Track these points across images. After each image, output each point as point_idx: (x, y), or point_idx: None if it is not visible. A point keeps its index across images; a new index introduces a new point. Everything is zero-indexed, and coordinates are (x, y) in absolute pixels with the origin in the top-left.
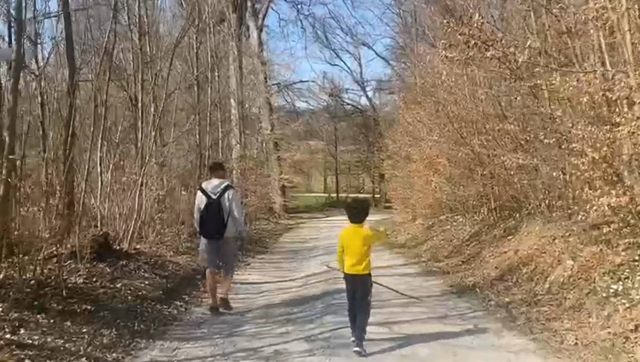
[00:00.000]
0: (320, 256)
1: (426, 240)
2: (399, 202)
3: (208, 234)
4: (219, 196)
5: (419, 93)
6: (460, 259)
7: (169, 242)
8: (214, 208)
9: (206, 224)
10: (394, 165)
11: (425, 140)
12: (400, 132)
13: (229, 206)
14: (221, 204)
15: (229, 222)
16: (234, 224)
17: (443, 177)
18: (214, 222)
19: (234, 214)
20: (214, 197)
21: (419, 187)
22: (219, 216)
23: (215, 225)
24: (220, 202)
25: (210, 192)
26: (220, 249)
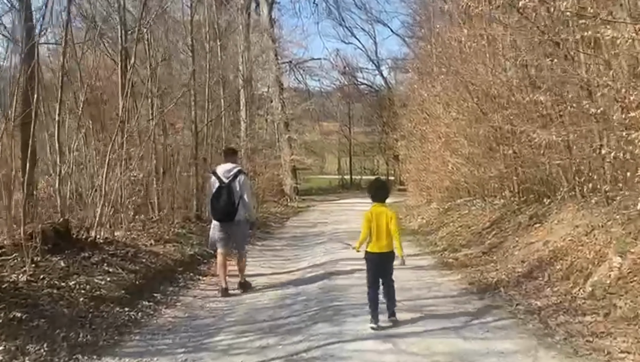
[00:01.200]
0: (326, 242)
1: (441, 226)
2: (413, 184)
3: (219, 217)
4: (231, 180)
5: (435, 64)
6: (480, 249)
7: (155, 229)
8: (225, 192)
9: (217, 207)
10: (408, 145)
11: (441, 117)
12: (415, 109)
13: (239, 190)
14: (232, 188)
15: (239, 206)
16: (244, 207)
17: (461, 158)
18: (225, 205)
19: (244, 199)
20: (225, 181)
21: (434, 168)
22: (229, 200)
23: (226, 208)
24: (231, 186)
25: (222, 176)
26: (231, 231)
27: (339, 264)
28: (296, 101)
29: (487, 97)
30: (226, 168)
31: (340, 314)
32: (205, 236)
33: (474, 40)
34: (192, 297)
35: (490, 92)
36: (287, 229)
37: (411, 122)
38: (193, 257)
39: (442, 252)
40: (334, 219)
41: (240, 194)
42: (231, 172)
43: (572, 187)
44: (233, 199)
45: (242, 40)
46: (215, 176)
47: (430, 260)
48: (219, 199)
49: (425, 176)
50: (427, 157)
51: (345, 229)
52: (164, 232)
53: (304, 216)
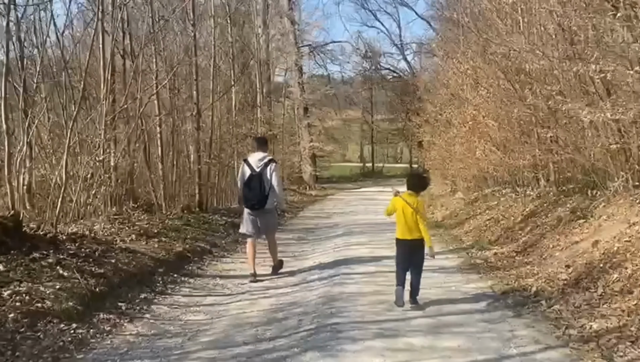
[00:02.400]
0: (339, 236)
1: (468, 218)
2: (437, 173)
3: (250, 205)
4: (262, 168)
5: (463, 41)
6: (513, 247)
7: (143, 222)
8: (256, 180)
9: (249, 195)
10: (432, 131)
11: (469, 98)
12: (440, 92)
13: (270, 179)
14: (263, 177)
15: (270, 194)
16: (274, 195)
17: (490, 143)
18: (256, 193)
19: (274, 187)
20: (257, 170)
21: (460, 155)
22: (260, 188)
23: (257, 196)
24: (262, 175)
25: (254, 165)
26: (262, 219)
27: (349, 264)
28: (316, 86)
29: (522, 72)
30: (258, 157)
31: (338, 338)
32: (203, 229)
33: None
34: (166, 306)
35: (525, 67)
36: (300, 220)
37: (435, 106)
38: (181, 254)
39: (468, 250)
40: (352, 209)
41: (271, 182)
42: (262, 161)
43: (625, 178)
44: (264, 187)
45: (259, 22)
46: (247, 165)
47: (455, 260)
48: (250, 187)
49: (450, 164)
50: (452, 143)
51: (362, 221)
52: (153, 225)
53: (320, 205)
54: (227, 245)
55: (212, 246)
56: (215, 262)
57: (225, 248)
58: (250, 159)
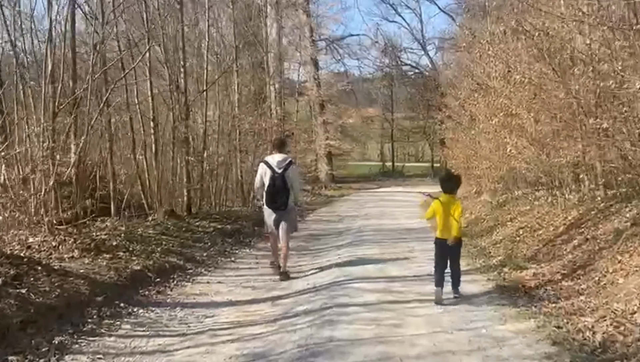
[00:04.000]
0: (345, 246)
1: (496, 226)
2: (461, 172)
3: (275, 205)
4: (284, 170)
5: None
6: (556, 267)
7: (102, 231)
8: (280, 181)
9: (274, 196)
10: (455, 128)
11: (498, 87)
12: (463, 82)
13: (290, 180)
14: (285, 178)
15: (290, 194)
16: (293, 194)
17: (523, 138)
18: (280, 194)
19: (295, 187)
20: (279, 171)
21: (486, 152)
22: (284, 189)
23: (281, 197)
24: (284, 176)
25: (275, 166)
26: (282, 217)
27: (350, 288)
28: (333, 82)
29: (565, 51)
30: (278, 159)
31: None
32: (182, 238)
33: None
34: (88, 356)
35: (570, 45)
36: (307, 225)
37: (459, 99)
38: (138, 275)
39: (499, 269)
40: (366, 212)
41: (291, 183)
42: (284, 162)
43: None
44: (287, 188)
45: (271, 13)
46: (268, 166)
47: (484, 283)
48: (274, 187)
49: (475, 162)
50: (476, 139)
51: (376, 227)
52: (114, 236)
53: (333, 206)
54: (207, 259)
55: (187, 260)
56: (184, 283)
57: (205, 263)
58: (269, 160)
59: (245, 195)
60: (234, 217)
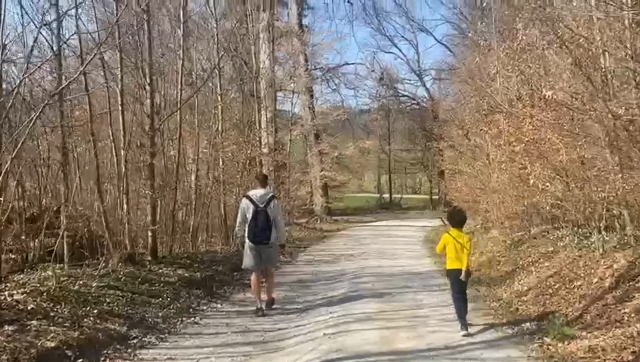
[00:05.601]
0: (339, 301)
1: (516, 270)
2: (465, 206)
3: (257, 240)
4: (266, 204)
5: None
6: (620, 338)
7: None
8: (262, 216)
9: (256, 231)
10: (457, 158)
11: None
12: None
13: (273, 214)
14: (268, 212)
15: (273, 229)
16: (276, 231)
17: (549, 168)
18: (263, 229)
19: (277, 222)
20: (261, 206)
21: (498, 184)
22: (267, 224)
23: (264, 232)
24: (267, 211)
25: (257, 201)
26: (264, 253)
27: None
28: (328, 111)
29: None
30: (260, 193)
31: None
32: (136, 293)
33: None
34: None
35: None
36: (296, 267)
37: (462, 127)
38: (49, 357)
39: (538, 336)
40: (364, 250)
41: (273, 217)
42: (265, 197)
43: None
44: (269, 223)
45: (265, 40)
46: (250, 201)
47: (518, 354)
48: (256, 223)
49: (483, 196)
50: (484, 171)
51: (375, 271)
52: (32, 294)
53: (328, 243)
54: (162, 321)
55: (133, 325)
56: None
57: (157, 327)
58: (252, 194)
59: (228, 232)
60: (209, 260)
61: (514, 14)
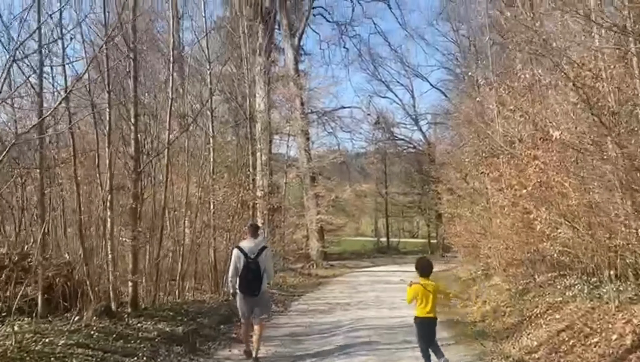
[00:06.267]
0: (335, 358)
1: (523, 322)
2: (464, 251)
3: (248, 291)
4: (257, 255)
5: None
6: None
7: None
8: (253, 267)
9: (246, 282)
10: (456, 201)
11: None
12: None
13: (264, 265)
14: (259, 264)
15: (263, 279)
16: (267, 280)
17: (555, 212)
18: (254, 280)
19: (268, 271)
20: (252, 256)
21: (500, 230)
22: (258, 274)
23: (254, 283)
24: (258, 262)
25: (248, 252)
26: (255, 303)
27: None
28: (324, 154)
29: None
30: (251, 244)
31: None
32: (107, 352)
33: None
34: None
35: None
36: (289, 318)
37: (460, 170)
38: None
39: None
40: (361, 298)
41: (264, 268)
42: (256, 248)
43: None
44: (260, 274)
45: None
46: (241, 251)
47: None
48: (247, 274)
49: (483, 241)
50: (484, 215)
51: (373, 322)
52: None
53: (324, 290)
54: None
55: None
56: None
57: None
58: (243, 245)
59: (218, 280)
60: (195, 311)
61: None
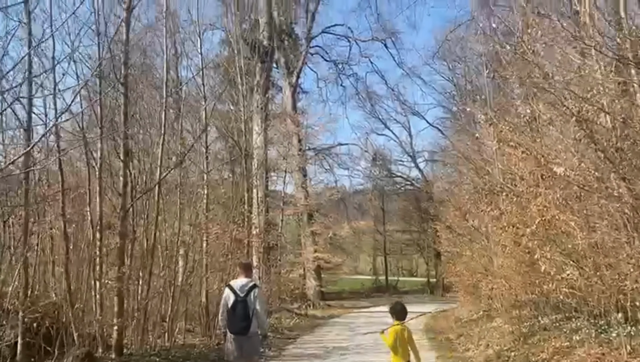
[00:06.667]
0: None
1: None
2: (465, 291)
3: (236, 331)
4: (246, 294)
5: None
6: None
7: None
8: (242, 306)
9: (234, 321)
10: (455, 240)
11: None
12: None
13: (253, 304)
14: (248, 303)
15: (253, 320)
16: (257, 321)
17: (559, 252)
18: (242, 319)
19: (259, 313)
20: (241, 295)
21: (503, 270)
22: (246, 314)
23: (243, 322)
24: (247, 301)
25: (238, 290)
26: (244, 344)
27: None
28: (322, 191)
29: None
30: (242, 283)
31: None
32: None
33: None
34: None
35: None
36: None
37: (459, 208)
38: None
39: None
40: (359, 341)
41: (254, 307)
42: (247, 286)
43: None
44: (248, 313)
45: (258, 120)
46: (231, 290)
47: None
48: (235, 313)
49: (484, 281)
50: (484, 254)
51: None
52: None
53: (321, 332)
54: None
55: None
56: None
57: None
58: (233, 284)
59: (210, 322)
60: (183, 357)
61: (510, 90)
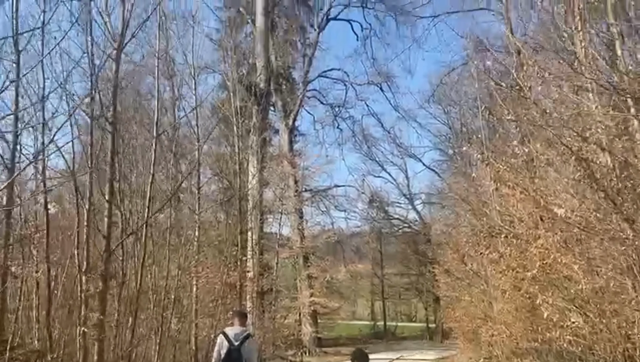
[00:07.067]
0: None
1: None
2: (465, 337)
3: None
4: (240, 343)
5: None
6: None
7: None
8: (235, 355)
9: None
10: (454, 284)
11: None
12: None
13: (247, 354)
14: (242, 352)
15: None
16: None
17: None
18: None
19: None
20: (235, 344)
21: (502, 314)
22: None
23: None
24: (241, 350)
25: (232, 338)
26: None
27: None
28: (318, 233)
29: None
30: (236, 331)
31: None
32: None
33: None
34: None
35: None
36: None
37: (457, 251)
38: None
39: None
40: None
41: (246, 358)
42: (241, 335)
43: None
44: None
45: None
46: (225, 338)
47: None
48: (229, 361)
49: (484, 327)
50: (484, 298)
51: None
52: None
53: None
54: None
55: None
56: None
57: None
58: (228, 332)
59: None
60: None
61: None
